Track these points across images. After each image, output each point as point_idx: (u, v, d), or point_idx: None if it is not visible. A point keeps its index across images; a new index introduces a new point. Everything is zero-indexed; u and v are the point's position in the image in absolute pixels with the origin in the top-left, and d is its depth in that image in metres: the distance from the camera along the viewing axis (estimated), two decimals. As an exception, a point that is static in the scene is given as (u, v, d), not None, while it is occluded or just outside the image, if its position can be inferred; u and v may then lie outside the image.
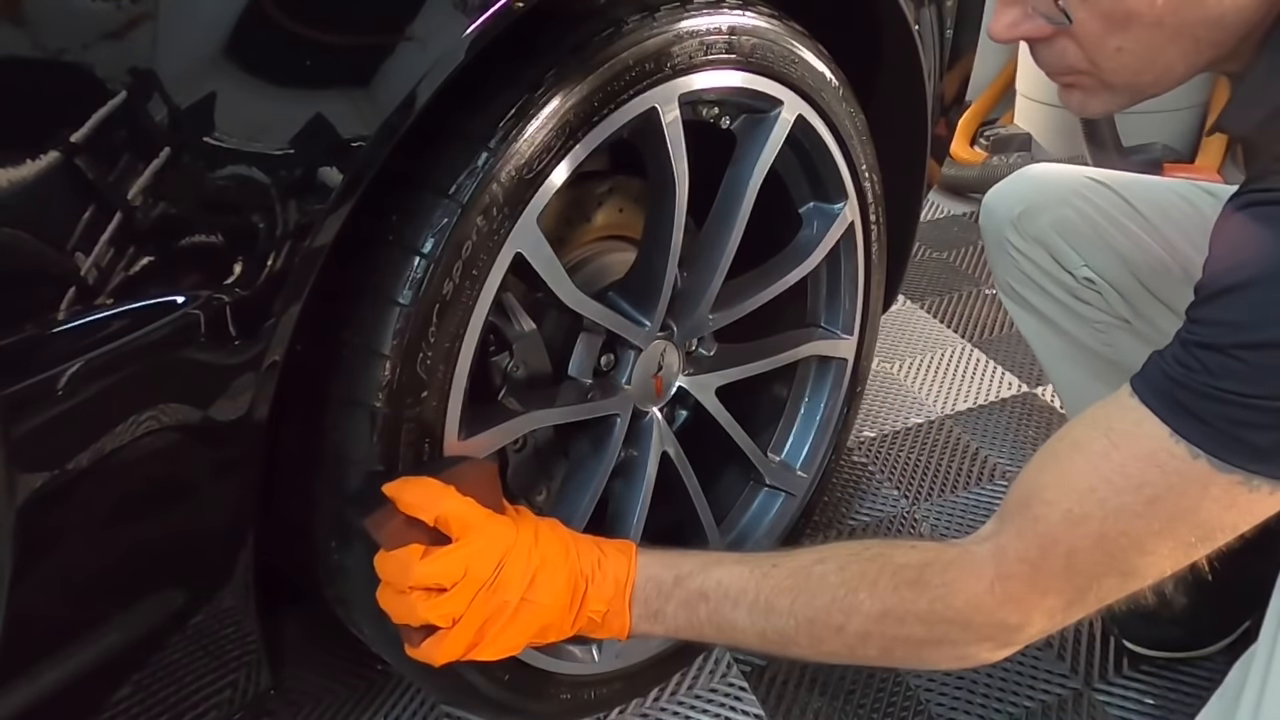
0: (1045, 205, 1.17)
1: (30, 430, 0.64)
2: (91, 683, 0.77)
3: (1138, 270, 1.13)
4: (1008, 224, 1.19)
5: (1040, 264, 1.18)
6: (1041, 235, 1.16)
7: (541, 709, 1.12)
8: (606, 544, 0.87)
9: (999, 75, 2.90)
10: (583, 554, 0.85)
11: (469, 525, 0.80)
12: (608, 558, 0.85)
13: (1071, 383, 1.26)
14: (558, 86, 0.88)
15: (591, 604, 0.83)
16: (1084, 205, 1.15)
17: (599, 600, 0.84)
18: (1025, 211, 1.17)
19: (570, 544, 0.85)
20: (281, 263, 0.72)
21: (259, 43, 0.69)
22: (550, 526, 0.86)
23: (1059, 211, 1.16)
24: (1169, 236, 1.12)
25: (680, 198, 1.03)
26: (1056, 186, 1.17)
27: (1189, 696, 1.24)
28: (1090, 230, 1.14)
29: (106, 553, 0.74)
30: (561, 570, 0.82)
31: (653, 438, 1.14)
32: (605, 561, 0.85)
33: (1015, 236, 1.18)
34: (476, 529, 0.80)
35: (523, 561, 0.81)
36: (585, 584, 0.83)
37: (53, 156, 0.62)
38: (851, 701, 1.25)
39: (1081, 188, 1.16)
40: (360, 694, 1.27)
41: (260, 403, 0.76)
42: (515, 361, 1.07)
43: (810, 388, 1.36)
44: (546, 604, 0.81)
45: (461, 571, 0.78)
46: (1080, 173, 1.18)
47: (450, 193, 0.84)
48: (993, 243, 1.24)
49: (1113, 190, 1.15)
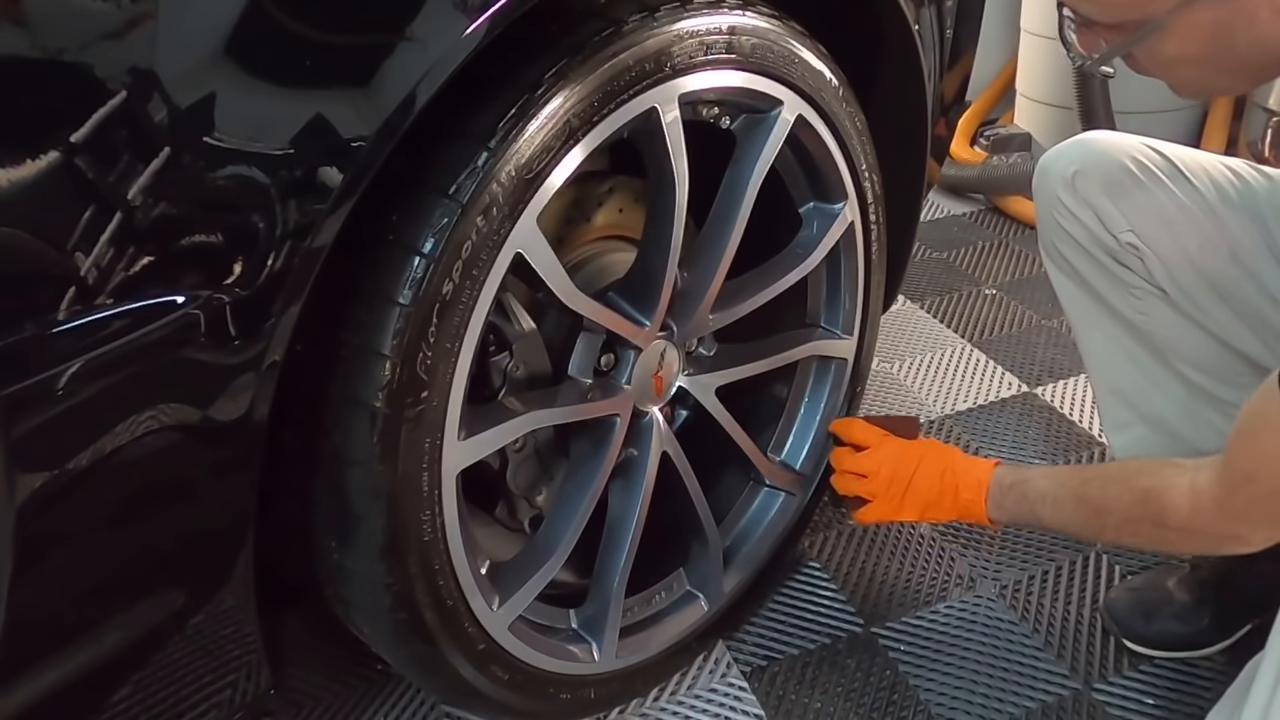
0: (1100, 166, 1.17)
1: (30, 430, 0.64)
2: (91, 683, 0.77)
3: (1182, 240, 1.13)
4: (1061, 183, 1.19)
5: (1087, 225, 1.18)
6: (1092, 196, 1.17)
7: (541, 709, 1.12)
8: (977, 461, 1.22)
9: (999, 75, 2.90)
10: (955, 464, 1.21)
11: (879, 445, 1.26)
12: (975, 466, 1.20)
13: (1099, 351, 1.27)
14: (558, 86, 0.88)
15: (961, 493, 1.18)
16: (1137, 170, 1.15)
17: (966, 490, 1.18)
18: (1080, 172, 1.18)
19: (946, 458, 1.22)
20: (281, 263, 0.72)
21: (259, 43, 0.69)
22: (937, 450, 1.23)
23: (1112, 174, 1.16)
24: (1218, 210, 1.13)
25: (680, 198, 1.03)
26: (1113, 149, 1.18)
27: (1189, 696, 1.24)
28: (1141, 195, 1.15)
29: (106, 552, 0.74)
30: (935, 470, 1.21)
31: (653, 438, 1.14)
32: (972, 468, 1.20)
33: (1068, 196, 1.19)
34: (885, 447, 1.26)
35: (911, 463, 1.22)
36: (955, 479, 1.19)
37: (53, 156, 0.62)
38: (851, 701, 1.25)
39: (1138, 153, 1.17)
40: (360, 694, 1.27)
41: (260, 403, 0.76)
42: (515, 361, 1.07)
43: (810, 388, 1.36)
44: (924, 488, 1.21)
45: (875, 466, 1.24)
46: (1139, 139, 1.19)
47: (450, 193, 0.84)
48: (1044, 203, 1.24)
49: (1168, 159, 1.16)
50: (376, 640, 1.01)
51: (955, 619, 1.36)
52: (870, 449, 1.27)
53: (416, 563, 0.92)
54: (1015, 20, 2.70)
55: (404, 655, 1.00)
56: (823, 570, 1.45)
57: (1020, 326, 2.05)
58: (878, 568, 1.45)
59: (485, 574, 1.01)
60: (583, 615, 1.15)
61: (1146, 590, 1.33)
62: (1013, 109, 2.86)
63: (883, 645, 1.33)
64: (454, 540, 0.95)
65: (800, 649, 1.33)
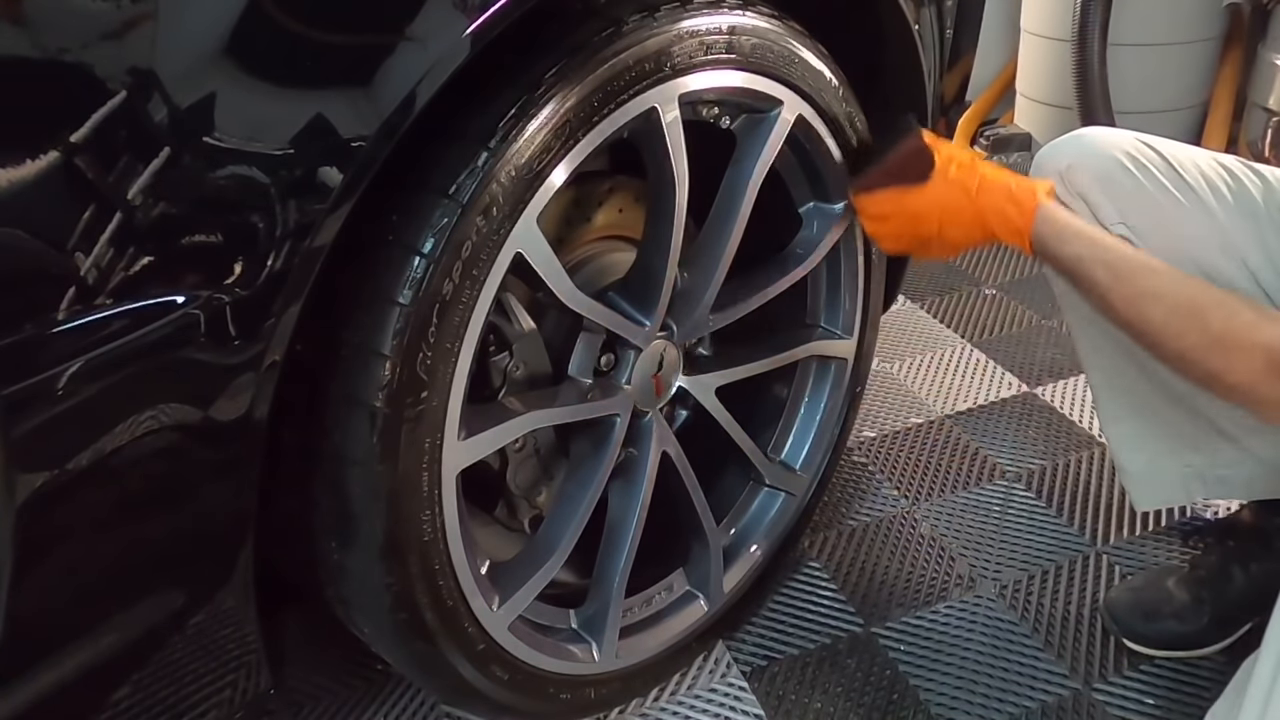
0: (1093, 160, 1.18)
1: (30, 430, 0.64)
2: (91, 683, 0.77)
3: (1174, 233, 1.14)
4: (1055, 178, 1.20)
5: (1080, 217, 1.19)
6: (1085, 189, 1.17)
7: (541, 709, 1.12)
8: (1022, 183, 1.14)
9: (999, 75, 2.90)
10: (979, 190, 1.12)
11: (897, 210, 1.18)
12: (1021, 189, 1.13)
13: (1094, 344, 1.27)
14: (558, 86, 0.88)
15: (1007, 208, 1.11)
16: (1130, 164, 1.16)
17: (1012, 204, 1.11)
18: (1073, 165, 1.18)
19: (962, 184, 1.13)
20: (281, 263, 0.72)
21: (259, 43, 0.69)
22: (961, 170, 1.13)
23: (1105, 167, 1.17)
24: (1210, 205, 1.13)
25: (680, 198, 1.03)
26: (1107, 144, 1.18)
27: (1189, 696, 1.24)
28: (1133, 187, 1.15)
29: (106, 552, 0.74)
30: (938, 210, 1.14)
31: (653, 438, 1.14)
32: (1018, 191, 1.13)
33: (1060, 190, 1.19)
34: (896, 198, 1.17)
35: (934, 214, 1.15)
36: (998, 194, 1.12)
37: (53, 156, 0.62)
38: (851, 701, 1.25)
39: (1131, 148, 1.17)
40: (360, 694, 1.27)
41: (260, 403, 0.76)
42: (515, 361, 1.07)
43: (810, 388, 1.36)
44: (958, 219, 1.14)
45: (890, 208, 1.17)
46: (1134, 135, 1.19)
47: (450, 193, 0.84)
48: None
49: (1161, 154, 1.16)
50: (376, 640, 1.01)
51: (955, 619, 1.36)
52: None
53: (416, 563, 0.92)
54: (1015, 20, 2.70)
55: (404, 655, 1.00)
56: (823, 570, 1.45)
57: (1020, 326, 2.05)
58: (878, 568, 1.45)
59: (485, 574, 1.01)
60: (583, 615, 1.15)
61: (1146, 590, 1.33)
62: (1013, 109, 2.85)
63: (883, 645, 1.33)
64: (454, 540, 0.95)
65: (800, 649, 1.33)
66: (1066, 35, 2.33)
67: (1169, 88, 2.50)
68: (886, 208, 1.17)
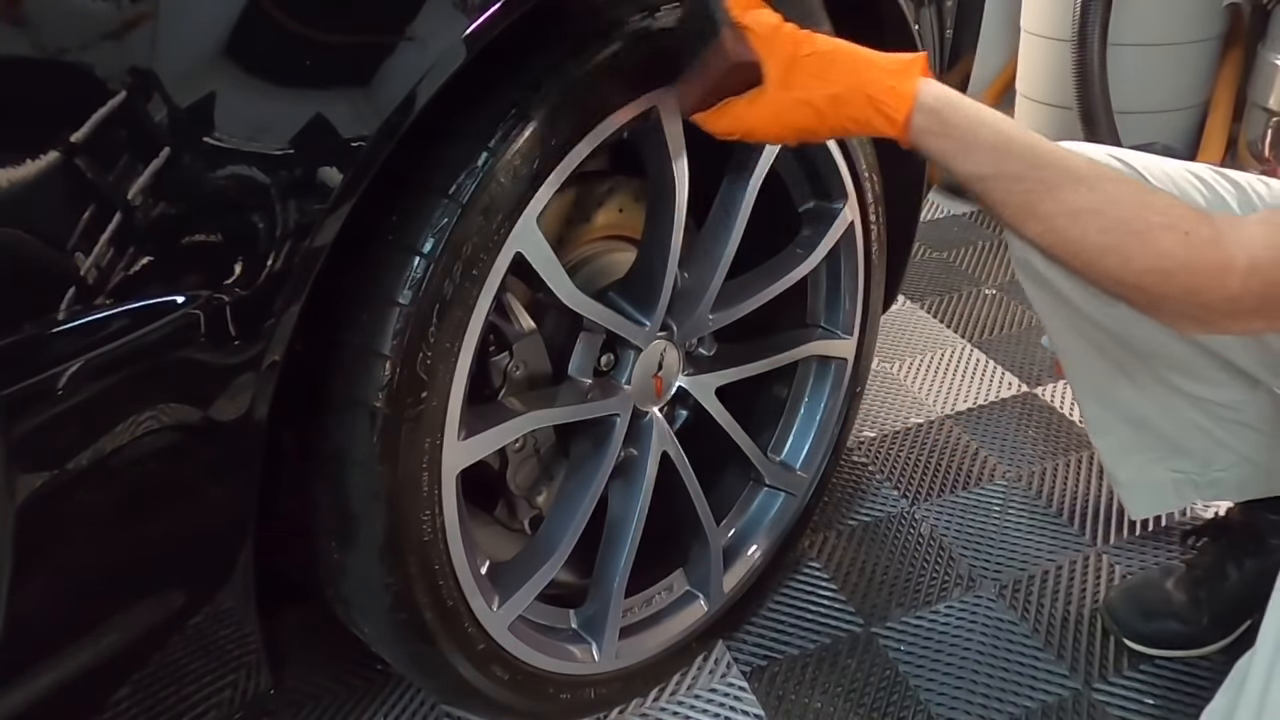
0: None
1: (30, 430, 0.64)
2: (91, 683, 0.77)
3: None
4: None
5: None
6: None
7: (541, 709, 1.12)
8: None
9: (999, 75, 2.90)
10: (832, 104, 0.90)
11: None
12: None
13: (1078, 357, 1.27)
14: (558, 86, 0.88)
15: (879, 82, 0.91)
16: None
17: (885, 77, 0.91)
18: None
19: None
20: (281, 263, 0.72)
21: (259, 43, 0.69)
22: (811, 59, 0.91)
23: None
24: None
25: (680, 198, 1.03)
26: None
27: (1189, 696, 1.24)
28: None
29: (106, 553, 0.74)
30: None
31: (653, 438, 1.14)
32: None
33: None
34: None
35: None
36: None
37: (53, 156, 0.62)
38: (851, 701, 1.25)
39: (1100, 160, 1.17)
40: (360, 694, 1.27)
41: (260, 403, 0.76)
42: (515, 361, 1.07)
43: (810, 388, 1.36)
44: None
45: (729, 125, 0.94)
46: (1102, 149, 1.19)
47: (450, 193, 0.84)
48: None
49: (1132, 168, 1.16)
50: (376, 640, 1.01)
51: (955, 619, 1.36)
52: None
53: (416, 563, 0.92)
54: (1015, 20, 2.70)
55: (404, 655, 1.00)
56: (823, 570, 1.45)
57: (1020, 326, 2.05)
58: (878, 568, 1.45)
59: (485, 574, 1.01)
60: (583, 615, 1.15)
61: (1146, 590, 1.34)
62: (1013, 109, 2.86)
63: (883, 645, 1.33)
64: (454, 540, 0.95)
65: (800, 649, 1.33)
66: (1066, 35, 2.33)
67: (1169, 88, 2.50)
68: (726, 124, 0.94)
